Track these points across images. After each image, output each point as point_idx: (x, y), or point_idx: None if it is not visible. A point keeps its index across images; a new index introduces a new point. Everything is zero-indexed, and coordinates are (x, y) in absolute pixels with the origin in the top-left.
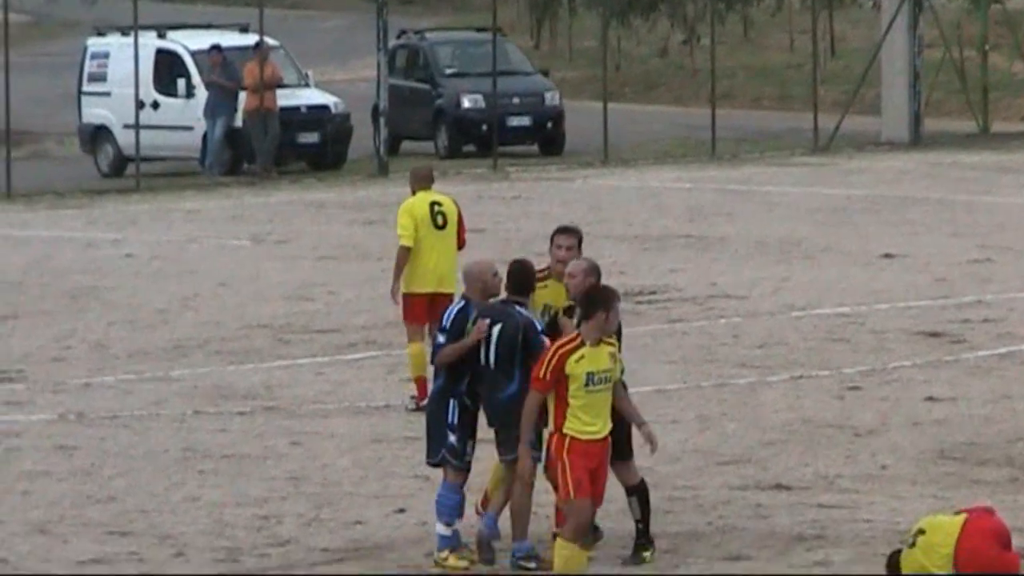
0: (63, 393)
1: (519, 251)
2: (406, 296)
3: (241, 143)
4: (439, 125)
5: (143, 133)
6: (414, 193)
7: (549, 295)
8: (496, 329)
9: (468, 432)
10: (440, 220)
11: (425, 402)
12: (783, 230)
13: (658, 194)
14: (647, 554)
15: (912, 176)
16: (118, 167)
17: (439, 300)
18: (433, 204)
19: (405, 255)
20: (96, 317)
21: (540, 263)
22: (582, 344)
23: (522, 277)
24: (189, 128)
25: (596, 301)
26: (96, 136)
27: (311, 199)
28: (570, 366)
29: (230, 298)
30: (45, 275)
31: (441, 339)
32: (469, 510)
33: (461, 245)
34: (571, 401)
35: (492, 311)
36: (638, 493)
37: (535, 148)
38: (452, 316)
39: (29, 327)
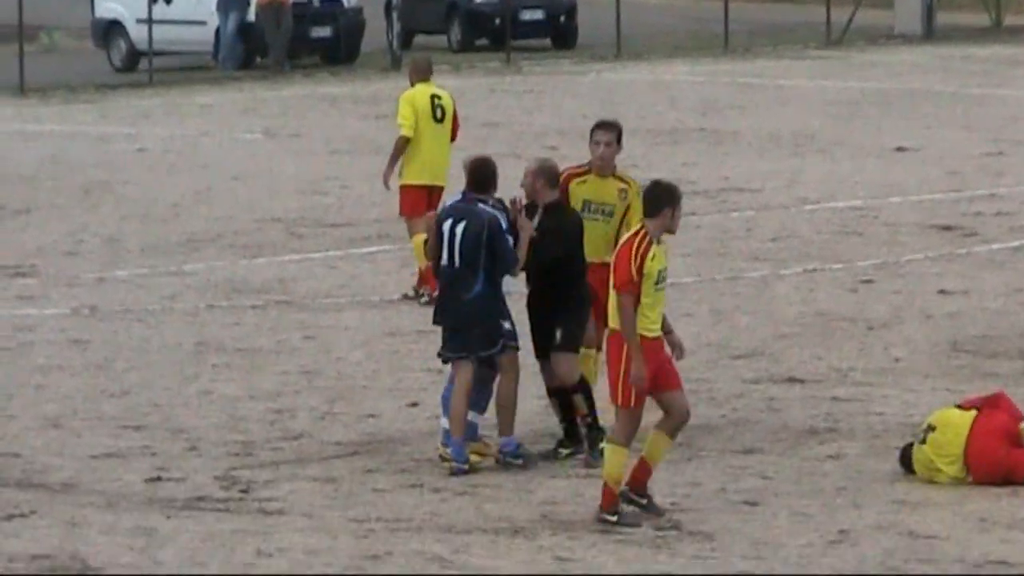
0: (77, 287)
1: (532, 144)
2: (404, 188)
3: (254, 37)
4: (452, 19)
5: (156, 27)
6: (412, 85)
7: (588, 190)
8: (460, 227)
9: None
10: (439, 113)
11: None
12: (796, 124)
13: (671, 88)
14: (604, 444)
15: (924, 70)
16: (131, 62)
17: (435, 192)
18: (433, 97)
19: (404, 145)
20: (109, 211)
21: (554, 157)
22: (653, 242)
23: (482, 173)
24: (202, 23)
25: (662, 198)
26: (109, 31)
27: (324, 93)
28: (647, 264)
29: (243, 192)
30: (58, 170)
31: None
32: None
33: (453, 139)
34: (643, 300)
35: (454, 210)
36: (583, 389)
37: (548, 42)
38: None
39: (42, 222)
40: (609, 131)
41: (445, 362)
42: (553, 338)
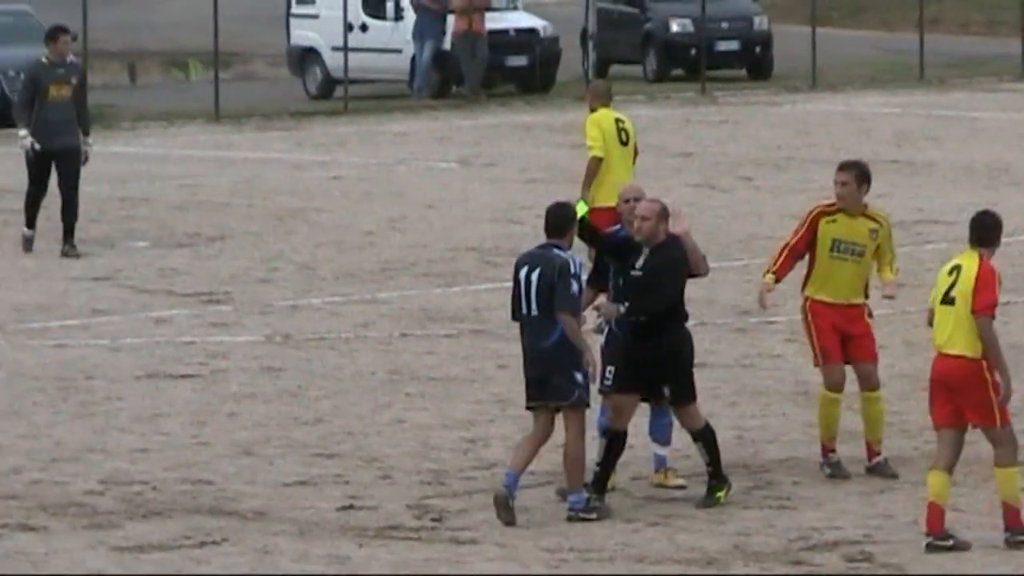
0: (270, 315)
1: (726, 175)
2: (597, 210)
3: (449, 66)
4: (647, 49)
5: (351, 55)
6: (593, 110)
7: (838, 229)
8: (535, 275)
9: None
10: (623, 136)
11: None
12: (991, 156)
13: (865, 119)
14: (720, 494)
15: None
16: (326, 89)
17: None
18: (617, 120)
19: (597, 166)
20: (303, 239)
21: (749, 188)
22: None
23: (557, 219)
24: (397, 51)
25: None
26: (304, 58)
27: (519, 122)
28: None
29: (437, 220)
30: (252, 196)
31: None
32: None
33: (634, 162)
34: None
35: (529, 257)
36: (703, 437)
37: (743, 72)
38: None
39: (236, 248)
40: (847, 171)
41: (530, 410)
42: (660, 393)
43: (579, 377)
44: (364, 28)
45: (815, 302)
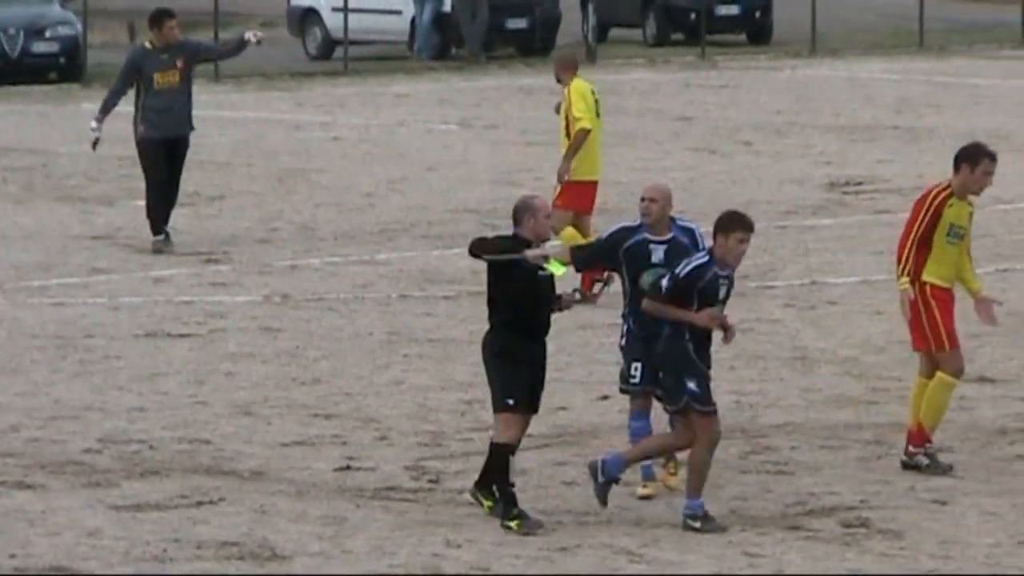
0: (269, 275)
1: (726, 139)
2: (577, 184)
3: (450, 28)
4: (647, 12)
5: (352, 16)
6: (561, 80)
7: (954, 214)
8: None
9: None
10: (598, 108)
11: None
12: (991, 123)
13: (866, 85)
14: None
15: None
16: (326, 50)
17: (596, 188)
18: (592, 91)
19: (585, 137)
20: (303, 199)
21: (738, 152)
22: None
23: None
24: (398, 12)
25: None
26: (305, 19)
27: (519, 84)
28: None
29: (437, 182)
30: (253, 157)
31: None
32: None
33: None
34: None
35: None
36: None
37: (743, 37)
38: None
39: (236, 208)
40: (995, 162)
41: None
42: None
43: (691, 384)
44: None
45: (935, 287)
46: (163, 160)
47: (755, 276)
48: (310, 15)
